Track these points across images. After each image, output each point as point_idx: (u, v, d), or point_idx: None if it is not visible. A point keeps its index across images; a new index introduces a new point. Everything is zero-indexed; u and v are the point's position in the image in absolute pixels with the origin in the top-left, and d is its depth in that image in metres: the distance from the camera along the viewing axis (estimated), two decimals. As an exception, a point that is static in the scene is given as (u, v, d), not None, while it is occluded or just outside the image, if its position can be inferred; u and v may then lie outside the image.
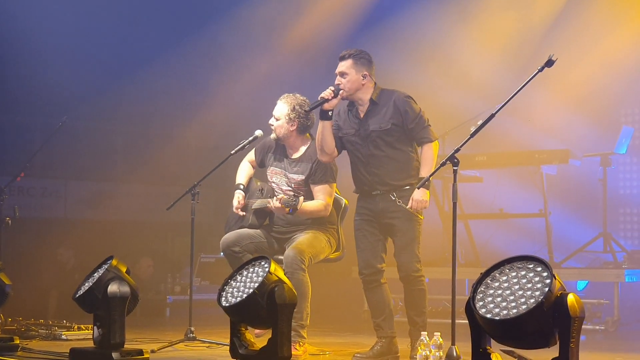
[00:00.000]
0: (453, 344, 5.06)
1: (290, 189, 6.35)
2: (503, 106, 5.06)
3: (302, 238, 6.21)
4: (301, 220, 6.31)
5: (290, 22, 10.49)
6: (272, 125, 6.38)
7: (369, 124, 5.82)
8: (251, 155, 6.68)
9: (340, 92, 5.77)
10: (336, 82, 5.81)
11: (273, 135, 6.41)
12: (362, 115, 5.86)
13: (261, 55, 10.53)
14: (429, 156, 5.72)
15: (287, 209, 6.01)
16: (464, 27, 10.27)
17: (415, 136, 5.81)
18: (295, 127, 6.35)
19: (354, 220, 5.98)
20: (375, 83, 5.88)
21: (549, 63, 4.91)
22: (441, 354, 5.20)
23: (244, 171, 6.64)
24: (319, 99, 5.76)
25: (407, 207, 5.66)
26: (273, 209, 6.20)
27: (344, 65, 5.81)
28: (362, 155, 5.84)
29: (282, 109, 6.35)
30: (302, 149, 6.41)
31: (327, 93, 5.74)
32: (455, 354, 5.00)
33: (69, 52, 10.04)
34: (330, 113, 5.80)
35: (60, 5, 9.91)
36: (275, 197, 6.17)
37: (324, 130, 5.85)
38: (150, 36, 10.48)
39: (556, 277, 4.08)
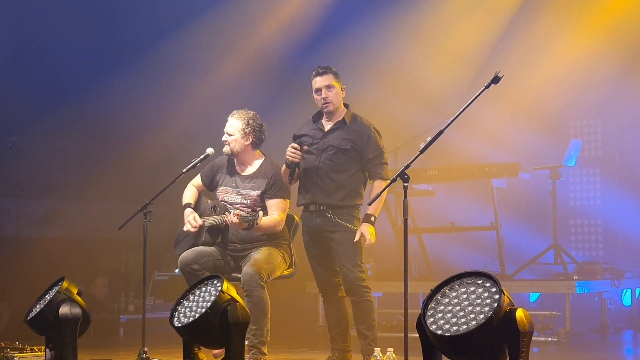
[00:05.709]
0: (406, 358, 5.09)
1: (244, 204, 6.33)
2: (451, 122, 5.09)
3: (258, 255, 6.20)
4: (255, 237, 6.30)
5: (241, 38, 10.49)
6: (226, 140, 6.36)
7: (330, 138, 5.94)
8: (197, 180, 6.63)
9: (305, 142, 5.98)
10: (323, 95, 5.91)
11: (227, 150, 6.37)
12: (326, 129, 5.98)
13: (212, 72, 10.52)
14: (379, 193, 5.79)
15: (246, 224, 6.01)
16: (415, 42, 10.35)
17: (370, 169, 5.93)
18: (250, 142, 6.36)
19: (302, 237, 6.10)
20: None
21: (495, 80, 4.96)
22: (394, 369, 5.24)
23: (189, 193, 6.59)
24: (288, 162, 5.96)
25: (345, 224, 5.85)
26: (230, 224, 6.17)
27: (328, 79, 5.94)
28: (313, 167, 5.95)
29: (235, 124, 6.35)
30: (257, 164, 6.41)
31: (296, 157, 5.91)
32: (408, 369, 5.03)
33: (19, 69, 9.93)
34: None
35: (9, 21, 9.81)
36: (232, 213, 6.15)
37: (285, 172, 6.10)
38: (101, 53, 10.41)
39: (505, 293, 4.12)
